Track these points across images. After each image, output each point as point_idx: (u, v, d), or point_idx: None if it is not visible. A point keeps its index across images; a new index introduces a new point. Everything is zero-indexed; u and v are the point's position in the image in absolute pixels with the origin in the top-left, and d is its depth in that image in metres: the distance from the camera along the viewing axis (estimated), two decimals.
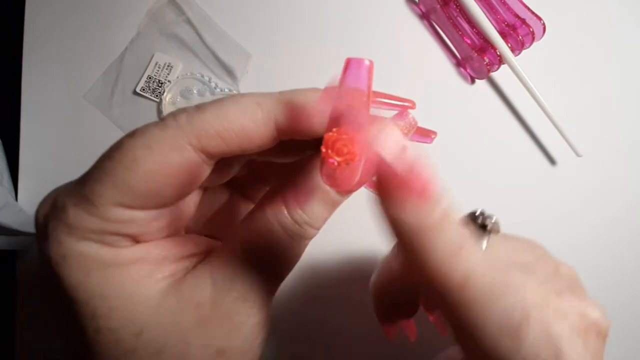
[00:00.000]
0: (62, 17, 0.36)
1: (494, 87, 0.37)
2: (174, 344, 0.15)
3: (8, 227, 0.29)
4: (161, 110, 0.35)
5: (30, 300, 0.34)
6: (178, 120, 0.14)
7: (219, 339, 0.15)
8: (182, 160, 0.14)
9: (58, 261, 0.14)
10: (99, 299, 0.14)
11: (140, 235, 0.15)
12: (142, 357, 0.15)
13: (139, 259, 0.15)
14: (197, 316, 0.15)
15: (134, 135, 0.14)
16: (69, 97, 0.35)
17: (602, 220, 0.36)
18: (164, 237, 0.16)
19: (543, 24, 0.34)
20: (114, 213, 0.14)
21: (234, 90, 0.36)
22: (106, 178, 0.14)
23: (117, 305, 0.14)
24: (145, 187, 0.14)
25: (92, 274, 0.14)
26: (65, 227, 0.14)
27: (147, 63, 0.36)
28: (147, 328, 0.15)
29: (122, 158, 0.14)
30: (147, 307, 0.15)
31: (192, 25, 0.36)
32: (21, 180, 0.34)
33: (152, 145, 0.14)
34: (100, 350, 0.15)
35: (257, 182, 0.21)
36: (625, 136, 0.37)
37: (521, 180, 0.36)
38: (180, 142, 0.14)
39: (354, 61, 0.13)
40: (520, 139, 0.37)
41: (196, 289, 0.15)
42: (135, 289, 0.15)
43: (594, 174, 0.37)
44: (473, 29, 0.35)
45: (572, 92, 0.37)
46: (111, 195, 0.14)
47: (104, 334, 0.14)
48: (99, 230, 0.14)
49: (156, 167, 0.14)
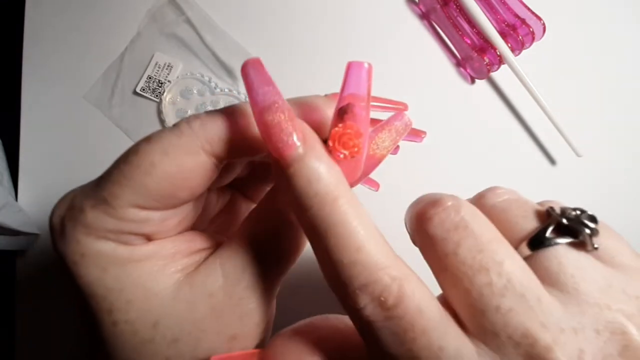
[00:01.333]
0: (62, 17, 0.36)
1: (494, 87, 0.37)
2: (189, 331, 0.16)
3: (8, 227, 0.29)
4: (161, 110, 0.35)
5: (30, 300, 0.34)
6: (192, 127, 0.15)
7: (231, 325, 0.16)
8: (195, 164, 0.15)
9: (76, 260, 0.15)
10: (116, 293, 0.15)
11: (154, 233, 0.16)
12: (160, 346, 0.16)
13: (153, 254, 0.16)
14: (210, 305, 0.16)
15: (151, 140, 0.15)
16: (69, 97, 0.35)
17: (602, 220, 0.36)
18: (175, 234, 0.18)
19: (543, 24, 0.34)
20: (131, 214, 0.15)
21: (234, 90, 0.36)
22: (124, 181, 0.15)
23: (134, 298, 0.15)
24: (161, 189, 0.15)
25: (110, 270, 0.15)
26: (83, 228, 0.15)
27: (147, 63, 0.36)
28: (163, 318, 0.16)
29: (140, 162, 0.15)
30: (162, 298, 0.16)
31: (192, 25, 0.36)
32: (21, 180, 0.34)
33: (169, 150, 0.15)
34: (118, 342, 0.16)
35: (257, 182, 0.22)
36: (625, 136, 0.37)
37: (521, 180, 0.36)
38: (194, 147, 0.15)
39: (355, 64, 0.14)
40: (520, 139, 0.37)
41: (208, 280, 0.16)
42: (150, 283, 0.16)
43: (594, 174, 0.37)
44: (473, 29, 0.35)
45: (572, 92, 0.37)
46: (129, 198, 0.15)
47: (122, 326, 0.15)
48: (116, 230, 0.15)
49: (172, 170, 0.15)
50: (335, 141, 0.14)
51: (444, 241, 0.14)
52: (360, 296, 0.13)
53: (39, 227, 0.34)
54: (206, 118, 0.16)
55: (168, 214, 0.16)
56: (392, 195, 0.35)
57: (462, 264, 0.14)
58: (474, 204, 0.16)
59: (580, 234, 0.15)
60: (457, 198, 0.15)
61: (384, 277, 0.13)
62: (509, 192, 0.18)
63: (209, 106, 0.36)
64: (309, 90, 0.37)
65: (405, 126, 0.16)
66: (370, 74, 0.14)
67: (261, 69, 0.14)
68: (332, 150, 0.14)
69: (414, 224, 0.16)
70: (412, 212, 0.16)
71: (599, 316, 0.13)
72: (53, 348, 0.33)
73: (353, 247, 0.13)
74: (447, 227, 0.14)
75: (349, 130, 0.14)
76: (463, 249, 0.14)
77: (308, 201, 0.14)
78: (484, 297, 0.13)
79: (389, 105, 0.19)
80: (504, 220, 0.16)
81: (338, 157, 0.14)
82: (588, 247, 0.15)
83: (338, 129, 0.14)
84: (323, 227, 0.14)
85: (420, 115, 0.37)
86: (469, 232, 0.14)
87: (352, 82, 0.14)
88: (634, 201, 0.37)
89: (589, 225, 0.15)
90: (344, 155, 0.14)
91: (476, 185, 0.36)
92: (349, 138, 0.14)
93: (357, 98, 0.14)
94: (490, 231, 0.14)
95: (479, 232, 0.14)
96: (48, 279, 0.34)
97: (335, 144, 0.14)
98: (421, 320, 0.13)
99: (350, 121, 0.14)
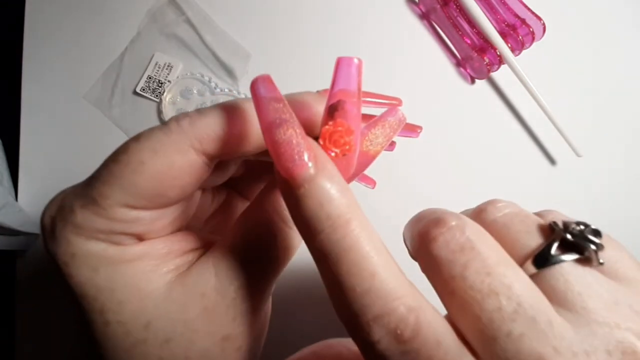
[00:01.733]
0: (62, 17, 0.36)
1: (494, 87, 0.37)
2: (182, 332, 0.16)
3: (8, 227, 0.29)
4: (161, 110, 0.35)
5: (30, 300, 0.34)
6: (181, 125, 0.15)
7: (224, 326, 0.16)
8: (185, 163, 0.15)
9: (67, 261, 0.15)
10: (108, 294, 0.15)
11: (145, 233, 0.16)
12: (152, 346, 0.15)
13: (145, 255, 0.16)
14: (203, 305, 0.16)
15: (140, 139, 0.15)
16: (69, 97, 0.35)
17: (602, 220, 0.36)
18: (167, 234, 0.17)
19: (543, 24, 0.34)
20: (121, 214, 0.15)
21: (234, 90, 0.36)
22: (113, 180, 0.15)
23: (126, 298, 0.15)
24: (151, 188, 0.15)
25: (101, 270, 0.15)
26: (73, 228, 0.15)
27: (147, 63, 0.36)
28: (155, 319, 0.15)
29: (129, 161, 0.15)
30: (154, 299, 0.16)
31: (192, 25, 0.36)
32: (21, 180, 0.34)
33: (158, 149, 0.15)
34: (110, 343, 0.15)
35: (253, 181, 0.22)
36: (625, 136, 0.37)
37: (521, 180, 0.36)
38: (183, 146, 0.15)
39: (344, 60, 0.14)
40: (520, 139, 0.37)
41: (200, 280, 0.16)
42: (142, 283, 0.16)
43: (594, 174, 0.37)
44: (473, 29, 0.35)
45: (572, 92, 0.37)
46: (118, 197, 0.15)
47: (113, 327, 0.15)
48: (106, 230, 0.15)
49: (161, 169, 0.15)
50: (326, 139, 0.14)
51: (451, 263, 0.14)
52: (375, 328, 0.12)
53: (39, 227, 0.34)
54: (195, 116, 0.15)
55: (159, 213, 0.16)
56: (392, 195, 0.35)
57: (471, 288, 0.13)
58: (474, 219, 0.16)
59: (585, 250, 0.14)
60: (460, 217, 0.15)
61: (399, 307, 0.12)
62: (509, 205, 0.17)
63: None
64: (309, 89, 0.37)
65: (399, 122, 0.16)
66: (360, 69, 0.14)
67: (271, 85, 0.14)
68: (323, 148, 0.14)
69: (416, 244, 0.15)
70: (414, 231, 0.15)
71: (610, 336, 0.13)
72: (53, 348, 0.33)
73: (367, 274, 0.13)
74: (452, 249, 0.14)
75: (340, 128, 0.14)
76: (471, 272, 0.13)
77: (319, 225, 0.13)
78: (494, 322, 0.13)
79: (382, 101, 0.19)
80: (507, 235, 0.16)
81: (329, 155, 0.14)
82: (594, 263, 0.14)
83: (329, 127, 0.14)
84: (335, 252, 0.13)
85: (420, 114, 0.37)
86: (476, 253, 0.14)
87: (341, 78, 0.14)
88: (634, 201, 0.37)
89: (594, 240, 0.15)
90: (336, 154, 0.14)
91: (476, 185, 0.36)
92: (340, 136, 0.14)
93: (347, 94, 0.14)
94: (497, 252, 0.14)
95: (486, 254, 0.14)
96: (48, 279, 0.34)
97: (326, 142, 0.14)
98: (439, 353, 0.12)
99: (341, 118, 0.14)
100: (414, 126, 0.21)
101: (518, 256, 0.15)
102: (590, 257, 0.14)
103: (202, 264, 0.16)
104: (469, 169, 0.36)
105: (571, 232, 0.15)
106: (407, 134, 0.21)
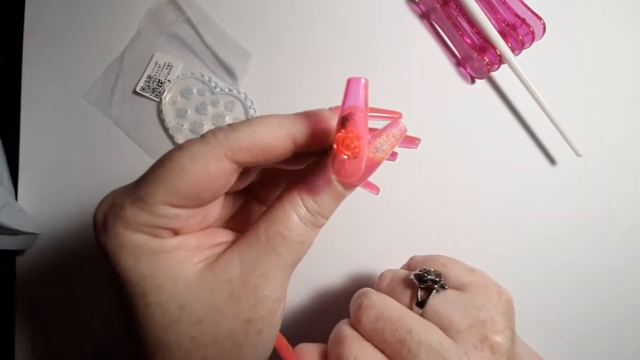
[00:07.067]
0: (62, 17, 0.36)
1: (494, 87, 0.37)
2: (211, 314, 0.18)
3: (8, 227, 0.29)
4: (161, 109, 0.35)
5: (30, 300, 0.34)
6: (217, 137, 0.18)
7: (247, 309, 0.18)
8: (219, 169, 0.18)
9: (116, 250, 0.18)
10: (149, 279, 0.18)
11: (181, 228, 0.19)
12: (185, 325, 0.18)
13: (180, 246, 0.19)
14: (229, 291, 0.18)
15: (182, 148, 0.18)
16: (69, 97, 0.35)
17: (602, 220, 0.36)
18: (197, 230, 0.20)
19: (543, 23, 0.34)
20: (164, 210, 0.18)
21: (234, 90, 0.36)
22: (159, 182, 0.18)
23: (164, 283, 0.18)
24: (189, 190, 0.18)
25: (143, 259, 0.18)
26: (122, 222, 0.18)
27: (147, 63, 0.36)
28: (188, 302, 0.18)
29: (173, 166, 0.18)
30: (187, 284, 0.18)
31: (192, 25, 0.36)
32: (21, 180, 0.34)
33: (197, 157, 0.18)
34: (150, 322, 0.18)
35: (270, 187, 0.25)
36: (625, 136, 0.37)
37: (521, 180, 0.36)
38: (219, 155, 0.18)
39: (353, 80, 0.17)
40: (520, 139, 0.37)
41: (227, 269, 0.18)
42: (177, 271, 0.18)
43: (594, 174, 0.37)
44: (473, 28, 0.35)
45: (572, 92, 0.37)
46: (162, 196, 0.17)
47: (153, 308, 0.18)
48: (150, 224, 0.18)
49: (199, 174, 0.18)
50: (339, 144, 0.17)
51: (374, 332, 0.23)
52: None
53: (39, 227, 0.34)
54: (229, 130, 0.18)
55: (193, 212, 0.19)
56: (392, 195, 0.35)
57: (391, 344, 0.22)
58: (377, 288, 0.26)
59: (436, 284, 0.24)
60: (368, 295, 0.24)
61: None
62: (388, 274, 0.26)
63: (208, 106, 0.36)
64: (309, 89, 0.37)
65: (401, 132, 0.19)
66: (366, 88, 0.17)
67: None
68: (337, 152, 0.17)
69: (354, 319, 0.24)
70: (351, 311, 0.25)
71: (472, 336, 0.21)
72: (53, 348, 0.33)
73: None
74: (371, 321, 0.23)
75: (351, 134, 0.16)
76: (387, 333, 0.22)
77: None
78: (410, 355, 0.21)
79: (385, 115, 0.23)
80: (394, 295, 0.25)
81: (342, 157, 0.17)
82: (441, 290, 0.24)
83: (341, 134, 0.17)
84: None
85: (420, 115, 0.37)
86: (386, 319, 0.22)
87: (351, 96, 0.17)
88: (634, 201, 0.37)
89: (436, 280, 0.24)
90: (347, 156, 0.17)
91: (476, 185, 0.36)
92: (351, 141, 0.16)
93: (356, 109, 0.17)
94: (396, 308, 0.23)
95: (389, 315, 0.23)
96: (48, 278, 0.34)
97: (340, 146, 0.17)
98: None
99: (351, 127, 0.17)
100: (413, 138, 0.24)
101: (406, 305, 0.24)
102: (439, 288, 0.24)
103: (228, 255, 0.19)
104: (468, 169, 0.36)
105: (423, 281, 0.24)
106: (407, 146, 0.24)
